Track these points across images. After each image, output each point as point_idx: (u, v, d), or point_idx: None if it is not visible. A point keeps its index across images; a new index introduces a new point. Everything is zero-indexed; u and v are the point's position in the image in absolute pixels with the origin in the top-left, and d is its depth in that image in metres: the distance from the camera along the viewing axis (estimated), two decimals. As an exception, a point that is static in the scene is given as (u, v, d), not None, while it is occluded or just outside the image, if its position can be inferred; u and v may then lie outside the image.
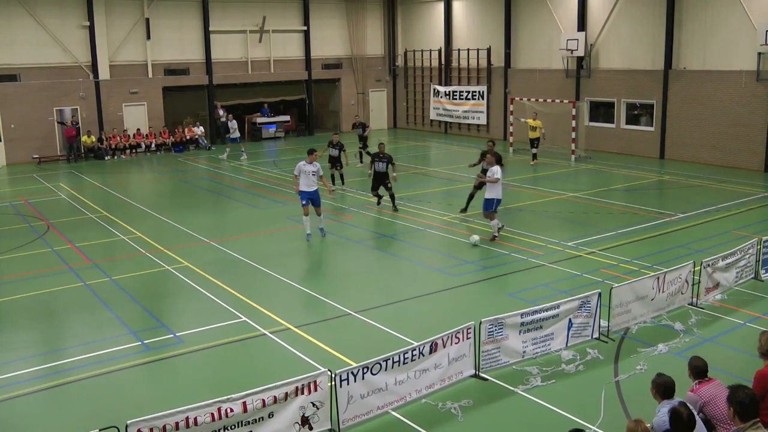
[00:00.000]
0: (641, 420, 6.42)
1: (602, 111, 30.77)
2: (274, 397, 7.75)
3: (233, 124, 31.00)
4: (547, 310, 10.21)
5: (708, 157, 26.59)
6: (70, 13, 31.31)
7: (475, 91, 36.20)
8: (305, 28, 37.59)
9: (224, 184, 25.47)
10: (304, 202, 16.68)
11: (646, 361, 9.98)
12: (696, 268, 12.17)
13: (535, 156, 27.89)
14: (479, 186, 18.05)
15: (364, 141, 27.47)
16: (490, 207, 16.44)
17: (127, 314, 12.44)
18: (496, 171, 16.38)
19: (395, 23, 40.71)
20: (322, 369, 8.42)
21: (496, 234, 16.52)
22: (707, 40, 26.44)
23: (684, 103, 27.32)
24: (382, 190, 20.06)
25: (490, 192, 16.37)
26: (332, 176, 22.95)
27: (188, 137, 34.40)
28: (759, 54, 24.47)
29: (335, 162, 23.05)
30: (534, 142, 27.77)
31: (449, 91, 37.62)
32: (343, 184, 23.30)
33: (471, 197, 19.03)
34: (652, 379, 7.07)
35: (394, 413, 8.71)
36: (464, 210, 19.10)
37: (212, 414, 7.35)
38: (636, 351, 10.35)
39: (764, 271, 13.46)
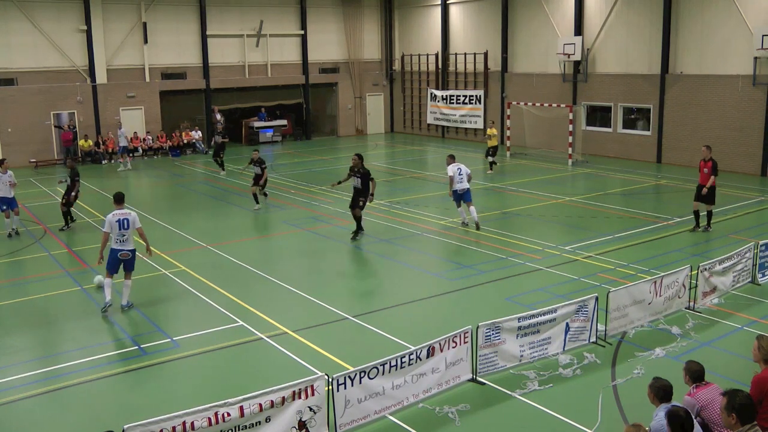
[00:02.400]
0: (640, 425, 6.41)
1: (599, 115, 30.85)
2: (271, 401, 7.74)
3: (123, 132, 30.44)
4: (544, 314, 10.20)
5: (705, 161, 26.59)
6: (68, 17, 31.33)
7: (472, 96, 36.25)
8: (302, 32, 37.64)
9: (221, 188, 25.46)
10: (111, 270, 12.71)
11: (643, 365, 9.99)
12: (693, 272, 12.18)
13: (493, 164, 27.17)
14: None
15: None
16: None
17: (124, 318, 12.42)
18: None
19: (392, 27, 40.78)
20: (320, 373, 8.40)
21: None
22: (704, 44, 26.51)
23: (681, 108, 27.38)
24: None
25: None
26: (254, 195, 21.20)
27: (185, 141, 34.41)
28: (755, 58, 24.54)
29: (258, 180, 21.25)
30: (492, 150, 27.10)
31: (446, 96, 37.66)
32: (266, 196, 21.99)
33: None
34: (649, 383, 7.06)
35: (391, 417, 8.70)
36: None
37: (209, 418, 7.33)
38: (633, 355, 10.36)
39: (761, 275, 13.48)
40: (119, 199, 12.88)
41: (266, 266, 15.24)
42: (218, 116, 35.95)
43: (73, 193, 19.00)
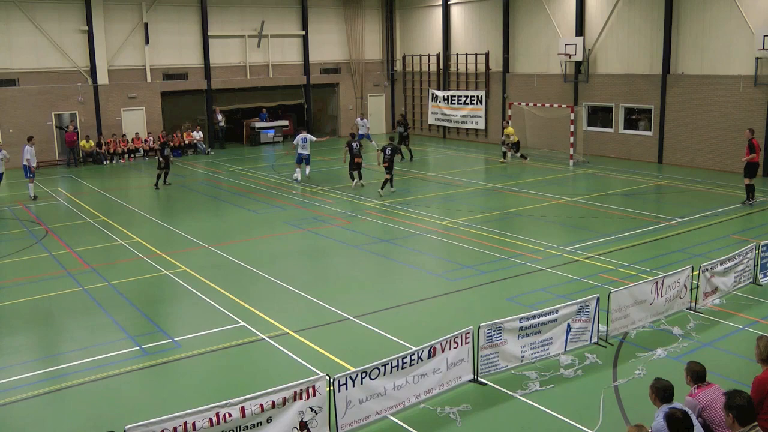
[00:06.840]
0: (642, 425, 6.41)
1: (600, 116, 30.83)
2: (273, 402, 7.74)
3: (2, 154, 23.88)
4: (545, 314, 10.20)
5: (706, 161, 26.62)
6: (69, 18, 31.34)
7: (474, 96, 36.25)
8: (303, 32, 37.65)
9: (222, 188, 25.47)
10: (299, 162, 25.46)
11: (644, 365, 9.98)
12: (694, 273, 12.17)
13: (524, 156, 29.32)
14: None
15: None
16: None
17: (126, 319, 12.42)
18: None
19: (394, 28, 40.77)
20: (321, 374, 8.41)
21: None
22: (705, 44, 26.50)
23: (682, 108, 27.36)
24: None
25: None
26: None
27: (187, 142, 34.42)
28: (757, 59, 24.52)
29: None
30: (516, 146, 29.33)
31: (447, 96, 37.66)
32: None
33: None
34: (651, 384, 7.06)
35: (392, 418, 8.71)
36: None
37: (210, 419, 7.34)
38: (634, 355, 10.36)
39: (762, 275, 13.47)
40: (299, 132, 25.68)
41: (267, 266, 15.25)
42: (219, 116, 35.97)
43: (165, 155, 25.22)
